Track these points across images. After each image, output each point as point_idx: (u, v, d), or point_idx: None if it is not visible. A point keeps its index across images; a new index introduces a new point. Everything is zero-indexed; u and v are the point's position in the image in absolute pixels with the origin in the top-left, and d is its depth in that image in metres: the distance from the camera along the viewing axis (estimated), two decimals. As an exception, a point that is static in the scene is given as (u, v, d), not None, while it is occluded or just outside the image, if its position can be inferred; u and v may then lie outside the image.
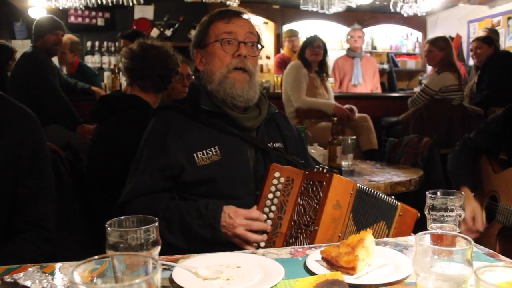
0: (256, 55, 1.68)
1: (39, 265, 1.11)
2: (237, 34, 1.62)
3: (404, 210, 1.53)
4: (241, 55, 1.61)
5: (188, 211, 1.48)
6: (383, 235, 1.48)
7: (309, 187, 1.45)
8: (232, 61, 1.61)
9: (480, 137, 2.28)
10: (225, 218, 1.44)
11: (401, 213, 1.51)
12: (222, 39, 1.61)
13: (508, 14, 6.21)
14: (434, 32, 7.30)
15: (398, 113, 4.71)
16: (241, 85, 1.60)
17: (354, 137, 2.94)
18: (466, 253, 0.82)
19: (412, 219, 1.54)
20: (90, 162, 2.35)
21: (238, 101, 1.60)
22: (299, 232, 1.41)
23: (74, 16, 6.38)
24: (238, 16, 1.66)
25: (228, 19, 1.64)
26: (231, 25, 1.63)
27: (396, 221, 1.50)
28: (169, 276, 1.06)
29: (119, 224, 0.96)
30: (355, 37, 5.77)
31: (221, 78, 1.60)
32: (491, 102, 4.31)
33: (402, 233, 1.50)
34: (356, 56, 5.72)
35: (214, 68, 1.63)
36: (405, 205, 1.54)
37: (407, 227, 1.53)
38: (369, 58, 6.15)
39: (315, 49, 4.26)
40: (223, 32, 1.62)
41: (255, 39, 1.67)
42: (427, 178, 2.76)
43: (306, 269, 1.11)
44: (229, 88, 1.59)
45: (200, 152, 1.55)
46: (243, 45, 1.62)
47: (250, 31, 1.65)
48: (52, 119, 3.76)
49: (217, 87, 1.61)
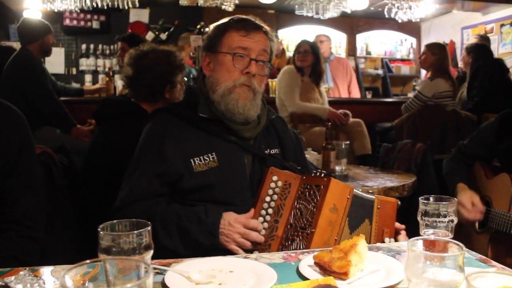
0: (265, 75, 1.65)
1: (30, 269, 1.11)
2: (251, 51, 1.58)
3: (381, 202, 1.51)
4: (250, 73, 1.58)
5: (188, 216, 1.46)
6: (368, 233, 1.48)
7: (306, 191, 1.46)
8: (240, 77, 1.58)
9: (473, 144, 2.30)
10: (224, 225, 1.44)
11: (379, 206, 1.50)
12: (234, 53, 1.58)
13: (501, 21, 6.26)
14: (428, 38, 7.35)
15: (392, 118, 4.73)
16: (243, 102, 1.57)
17: (348, 142, 2.94)
18: (458, 259, 0.83)
19: (392, 209, 1.53)
20: (87, 163, 2.33)
21: (237, 118, 1.59)
22: (295, 235, 1.42)
23: (69, 19, 6.37)
24: (257, 30, 1.61)
25: (246, 32, 1.59)
26: (247, 40, 1.58)
27: (375, 215, 1.49)
28: (162, 280, 1.06)
29: (111, 228, 0.95)
30: (317, 43, 5.80)
31: (225, 91, 1.57)
32: (483, 108, 4.35)
33: (386, 224, 1.50)
34: (325, 61, 5.73)
35: (221, 79, 1.59)
36: (382, 197, 1.53)
37: (388, 218, 1.51)
38: (340, 59, 6.14)
39: (301, 54, 4.27)
40: (237, 46, 1.58)
41: (267, 57, 1.63)
42: (420, 184, 2.77)
43: (298, 274, 1.11)
44: (231, 104, 1.56)
45: (198, 158, 1.54)
46: (254, 63, 1.58)
47: (264, 49, 1.61)
48: (46, 121, 3.75)
49: (219, 99, 1.58)
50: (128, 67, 2.28)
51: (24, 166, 1.42)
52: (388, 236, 1.49)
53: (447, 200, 1.26)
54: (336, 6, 5.43)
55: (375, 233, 1.49)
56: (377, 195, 1.55)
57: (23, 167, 1.42)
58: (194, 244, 1.43)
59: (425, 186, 2.86)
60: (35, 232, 1.43)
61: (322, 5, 5.40)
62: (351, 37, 7.58)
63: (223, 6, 5.30)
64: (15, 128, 1.42)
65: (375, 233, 1.49)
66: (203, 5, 5.35)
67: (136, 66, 2.26)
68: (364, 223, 1.48)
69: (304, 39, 4.44)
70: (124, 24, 6.44)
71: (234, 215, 1.46)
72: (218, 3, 5.33)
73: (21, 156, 1.42)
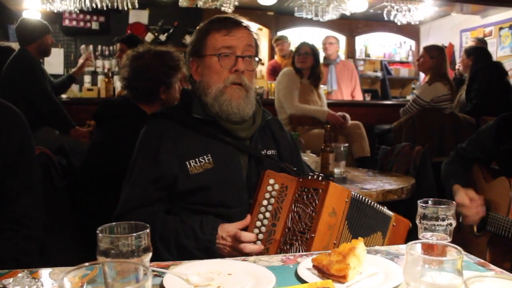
0: (253, 69, 1.65)
1: (28, 271, 1.11)
2: (236, 48, 1.58)
3: (397, 220, 1.54)
4: (238, 70, 1.58)
5: (184, 231, 1.46)
6: (379, 245, 1.49)
7: (304, 194, 1.45)
8: (229, 76, 1.58)
9: (472, 147, 2.30)
10: (219, 240, 1.44)
11: (394, 223, 1.53)
12: (219, 54, 1.58)
13: (500, 24, 6.27)
14: (427, 40, 7.36)
15: (391, 121, 4.73)
16: (237, 101, 1.57)
17: (347, 145, 2.94)
18: (456, 262, 0.83)
19: (404, 229, 1.56)
20: (86, 163, 2.33)
21: (233, 117, 1.59)
22: (294, 239, 1.41)
23: (69, 19, 6.36)
24: (238, 27, 1.61)
25: (227, 30, 1.59)
26: (229, 38, 1.58)
27: (390, 231, 1.52)
28: (160, 283, 1.06)
29: (110, 230, 0.95)
30: (326, 44, 5.81)
31: (217, 93, 1.58)
32: (481, 111, 4.36)
33: (395, 242, 1.51)
34: (330, 63, 5.74)
35: (211, 82, 1.60)
36: (398, 215, 1.56)
37: (399, 237, 1.55)
38: (346, 63, 6.15)
39: (301, 56, 4.26)
40: (221, 46, 1.58)
41: (253, 51, 1.63)
42: (419, 187, 2.77)
43: (297, 277, 1.11)
44: (225, 105, 1.56)
45: (193, 160, 1.53)
46: (241, 60, 1.58)
47: (248, 43, 1.61)
48: (45, 122, 3.75)
49: (212, 101, 1.58)
50: (124, 69, 2.28)
51: (23, 166, 1.42)
52: None
53: (446, 203, 1.26)
54: (336, 8, 5.44)
55: None
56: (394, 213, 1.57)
57: (23, 167, 1.42)
58: (192, 257, 1.43)
59: (423, 189, 2.86)
60: (34, 231, 1.43)
61: (322, 7, 5.42)
62: (350, 39, 7.59)
63: (222, 8, 5.31)
64: (15, 128, 1.43)
65: None
66: (202, 6, 5.36)
67: (131, 67, 2.26)
68: (376, 234, 1.50)
69: (304, 41, 4.44)
70: (124, 25, 6.44)
71: (228, 228, 1.45)
72: (218, 5, 5.33)
73: (21, 156, 1.42)
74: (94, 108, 2.40)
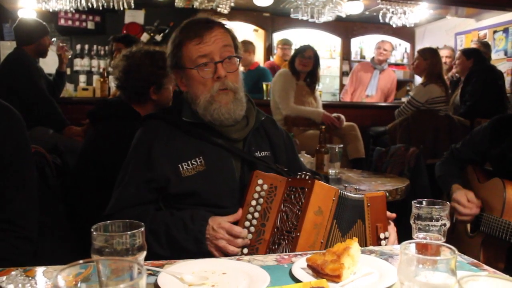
0: (236, 69, 1.62)
1: (22, 269, 1.10)
2: (212, 54, 1.55)
3: (370, 199, 1.51)
4: (220, 77, 1.56)
5: (174, 223, 1.47)
6: (362, 233, 1.48)
7: (292, 194, 1.45)
8: (213, 84, 1.56)
9: (466, 148, 2.31)
10: (209, 230, 1.44)
11: (369, 204, 1.50)
12: (197, 66, 1.55)
13: (494, 27, 6.31)
14: (423, 43, 7.40)
15: (386, 122, 4.75)
16: (226, 107, 1.57)
17: (342, 146, 2.96)
18: (450, 262, 0.83)
19: (382, 203, 1.52)
20: (80, 163, 2.32)
21: (226, 122, 1.59)
22: (282, 238, 1.41)
23: (64, 19, 6.34)
24: (210, 30, 1.57)
25: (199, 38, 1.55)
26: (203, 46, 1.55)
27: (367, 214, 1.49)
28: (154, 282, 1.06)
29: (104, 228, 0.95)
30: (381, 49, 5.80)
31: (205, 103, 1.57)
32: (475, 113, 4.38)
33: (378, 220, 1.50)
34: (378, 68, 5.75)
35: (198, 93, 1.58)
36: (370, 194, 1.52)
37: (380, 213, 1.51)
38: (390, 72, 6.15)
39: (305, 60, 4.26)
40: (196, 56, 1.55)
41: (232, 50, 1.60)
42: (413, 188, 2.78)
43: (291, 277, 1.11)
44: (215, 113, 1.56)
45: (185, 163, 1.53)
46: (220, 65, 1.56)
47: (224, 44, 1.58)
48: (39, 121, 3.73)
49: (203, 111, 1.58)
50: (116, 69, 2.27)
51: (19, 166, 1.42)
52: (383, 231, 1.49)
53: (440, 204, 1.27)
54: (331, 10, 5.45)
55: (370, 232, 1.49)
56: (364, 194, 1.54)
57: (19, 167, 1.42)
58: (182, 251, 1.43)
59: (417, 190, 2.88)
60: (29, 232, 1.42)
61: (317, 9, 5.43)
62: (346, 41, 7.60)
63: (218, 9, 5.31)
64: (12, 128, 1.42)
65: (370, 231, 1.49)
66: (198, 7, 5.36)
67: (122, 68, 2.24)
68: (357, 224, 1.48)
69: (308, 45, 4.43)
70: (119, 25, 6.42)
71: (219, 220, 1.45)
72: (214, 5, 5.34)
73: (17, 156, 1.41)
74: (89, 108, 2.39)
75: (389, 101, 5.87)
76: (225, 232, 1.43)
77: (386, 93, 5.86)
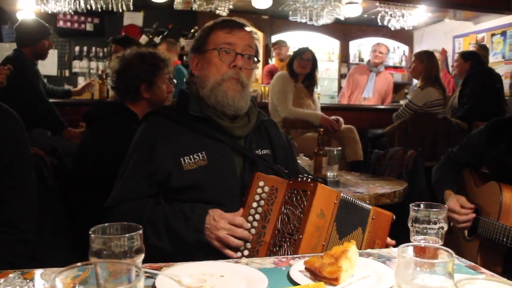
0: (252, 68, 1.70)
1: (20, 271, 1.10)
2: (236, 46, 1.64)
3: (377, 213, 1.52)
4: (236, 66, 1.62)
5: (174, 214, 1.47)
6: (359, 241, 1.48)
7: (293, 196, 1.45)
8: (227, 71, 1.63)
9: (463, 151, 2.32)
10: (210, 221, 1.44)
11: (374, 216, 1.51)
12: (220, 48, 1.63)
13: (492, 30, 6.33)
14: (421, 46, 7.42)
15: (384, 125, 4.76)
16: (233, 94, 1.61)
17: (340, 148, 2.96)
18: (447, 265, 0.83)
19: (386, 222, 1.54)
20: (76, 164, 2.32)
21: (228, 110, 1.62)
22: (283, 240, 1.41)
23: (63, 20, 6.35)
24: (240, 28, 1.68)
25: (230, 29, 1.66)
26: (231, 36, 1.65)
27: (369, 225, 1.50)
28: (152, 284, 1.06)
29: (103, 231, 0.95)
30: (377, 52, 5.81)
31: (214, 84, 1.62)
32: (473, 116, 4.39)
33: (378, 236, 1.51)
34: (374, 71, 5.76)
35: (209, 75, 1.64)
36: (378, 209, 1.54)
37: (382, 230, 1.52)
38: (387, 75, 6.16)
39: (303, 62, 4.26)
40: (222, 42, 1.64)
41: (252, 52, 1.69)
42: (411, 191, 2.78)
43: (289, 279, 1.11)
44: (220, 96, 1.60)
45: (187, 157, 1.55)
46: (240, 57, 1.63)
47: (249, 44, 1.67)
48: (37, 124, 3.73)
49: (209, 93, 1.62)
50: (110, 70, 2.34)
51: (18, 168, 1.42)
52: (379, 247, 1.49)
53: (438, 207, 1.27)
54: (330, 13, 5.46)
55: (366, 243, 1.49)
56: (374, 206, 1.55)
57: (18, 169, 1.42)
58: (181, 242, 1.44)
59: (415, 193, 2.87)
60: (27, 235, 1.42)
61: (316, 11, 5.44)
62: (344, 44, 7.63)
63: (217, 11, 5.32)
64: (12, 131, 1.42)
65: (366, 243, 1.49)
66: (197, 9, 5.37)
67: (115, 69, 2.31)
68: (356, 231, 1.48)
69: (307, 47, 4.43)
70: (118, 27, 6.43)
71: (220, 211, 1.46)
72: (213, 8, 5.35)
73: (16, 158, 1.41)
74: (86, 109, 2.40)
75: (386, 103, 5.88)
76: (227, 222, 1.43)
77: (383, 95, 5.88)
